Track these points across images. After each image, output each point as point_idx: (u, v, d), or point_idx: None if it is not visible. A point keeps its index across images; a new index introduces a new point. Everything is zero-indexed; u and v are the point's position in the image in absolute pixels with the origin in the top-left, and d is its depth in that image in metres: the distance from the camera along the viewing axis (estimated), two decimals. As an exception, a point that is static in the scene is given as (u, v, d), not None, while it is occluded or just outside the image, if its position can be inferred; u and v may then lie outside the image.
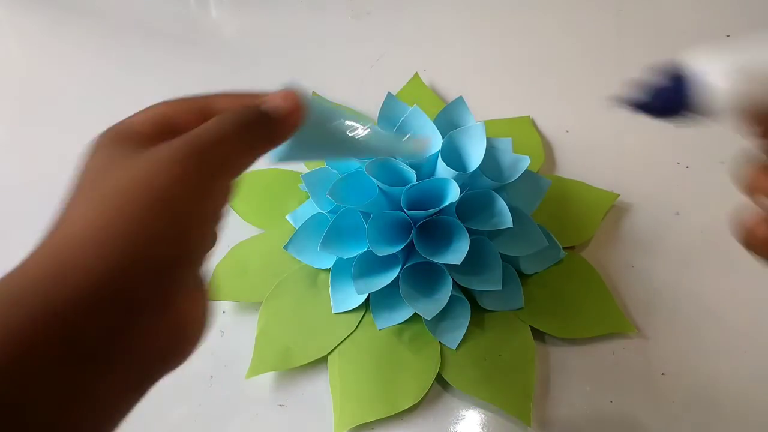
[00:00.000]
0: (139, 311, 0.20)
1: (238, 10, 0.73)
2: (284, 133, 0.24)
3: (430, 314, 0.39)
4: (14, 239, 0.50)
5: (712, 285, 0.45)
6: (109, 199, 0.20)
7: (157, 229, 0.20)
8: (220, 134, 0.22)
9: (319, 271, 0.45)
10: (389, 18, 0.69)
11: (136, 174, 0.20)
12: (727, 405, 0.40)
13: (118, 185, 0.20)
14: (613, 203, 0.50)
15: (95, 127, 0.26)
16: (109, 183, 0.20)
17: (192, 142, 0.21)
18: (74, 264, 0.19)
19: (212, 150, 0.21)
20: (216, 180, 0.22)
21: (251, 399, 0.40)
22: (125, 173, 0.20)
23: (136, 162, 0.21)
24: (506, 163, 0.43)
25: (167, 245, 0.20)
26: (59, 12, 0.73)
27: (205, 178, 0.21)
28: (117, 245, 0.19)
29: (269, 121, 0.24)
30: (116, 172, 0.21)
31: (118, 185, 0.20)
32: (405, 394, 0.39)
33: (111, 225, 0.19)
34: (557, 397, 0.40)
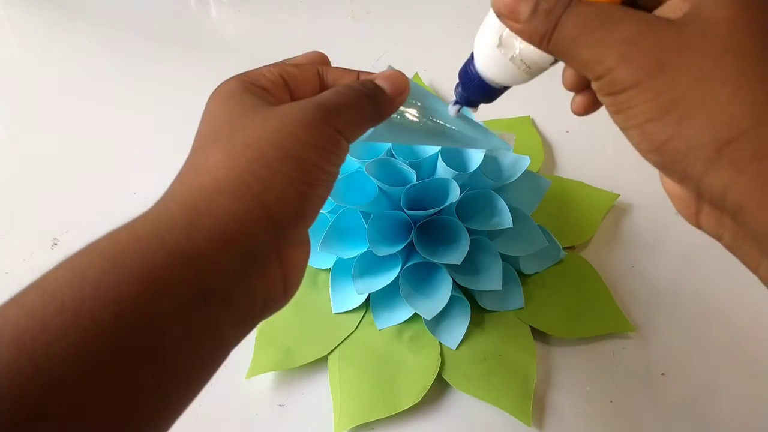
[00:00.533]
0: (261, 258, 0.21)
1: (238, 10, 0.73)
2: (392, 108, 0.26)
3: (430, 314, 0.39)
4: (14, 239, 0.50)
5: (712, 285, 0.45)
6: (248, 148, 0.21)
7: (289, 180, 0.21)
8: (345, 101, 0.24)
9: (319, 271, 0.45)
10: (389, 18, 0.69)
11: (271, 128, 0.22)
12: (727, 405, 0.40)
13: (256, 136, 0.21)
14: (613, 203, 0.50)
15: (95, 126, 0.26)
16: (248, 133, 0.22)
17: (323, 106, 0.23)
18: (215, 207, 0.20)
19: (338, 114, 0.23)
20: (338, 142, 0.23)
21: (251, 399, 0.40)
22: (262, 126, 0.22)
23: (272, 117, 0.22)
24: (506, 163, 0.43)
25: (294, 202, 0.22)
26: (59, 12, 0.73)
27: (330, 140, 0.23)
28: (254, 192, 0.20)
29: (384, 96, 0.26)
30: (252, 123, 0.22)
31: (256, 136, 0.21)
32: (405, 394, 0.39)
33: (249, 173, 0.21)
34: (557, 397, 0.40)
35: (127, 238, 0.19)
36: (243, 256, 0.20)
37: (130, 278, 0.18)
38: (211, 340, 0.20)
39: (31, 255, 0.48)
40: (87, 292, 0.17)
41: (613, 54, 0.19)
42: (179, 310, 0.19)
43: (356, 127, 0.24)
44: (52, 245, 0.49)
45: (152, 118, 0.59)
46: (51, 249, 0.48)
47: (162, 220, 0.20)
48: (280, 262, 0.23)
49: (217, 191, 0.20)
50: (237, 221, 0.20)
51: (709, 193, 0.19)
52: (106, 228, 0.21)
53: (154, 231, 0.19)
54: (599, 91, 0.21)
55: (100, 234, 0.20)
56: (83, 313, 0.17)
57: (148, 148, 0.55)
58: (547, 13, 0.20)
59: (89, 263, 0.18)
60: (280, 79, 0.25)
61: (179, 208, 0.20)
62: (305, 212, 0.22)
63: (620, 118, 0.21)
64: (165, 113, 0.59)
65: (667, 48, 0.19)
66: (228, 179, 0.21)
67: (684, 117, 0.19)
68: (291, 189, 0.21)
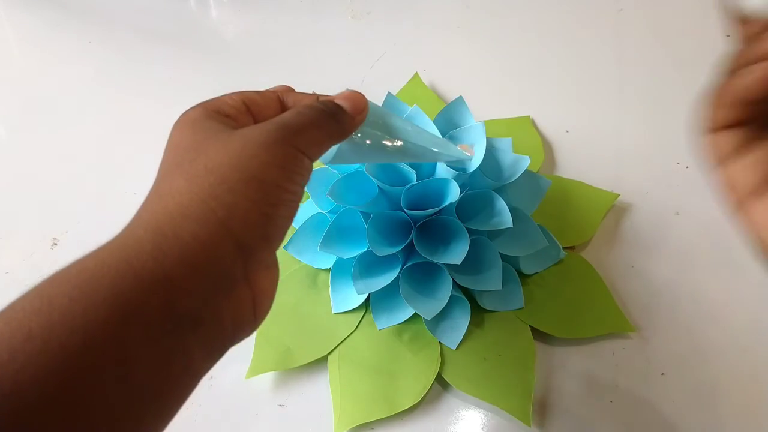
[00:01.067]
0: (229, 281, 0.21)
1: (238, 10, 0.73)
2: (353, 126, 0.27)
3: (430, 314, 0.39)
4: (14, 239, 0.50)
5: (712, 285, 0.45)
6: (211, 173, 0.21)
7: (252, 202, 0.21)
8: (306, 120, 0.24)
9: (319, 271, 0.45)
10: (389, 18, 0.69)
11: (233, 151, 0.22)
12: (727, 405, 0.40)
13: (218, 160, 0.22)
14: (613, 203, 0.50)
15: (95, 126, 0.26)
16: (210, 158, 0.22)
17: (283, 126, 0.23)
18: (181, 231, 0.20)
19: (299, 134, 0.23)
20: (300, 161, 0.23)
21: (251, 399, 0.40)
22: (224, 149, 0.22)
23: (233, 140, 0.22)
24: (506, 163, 0.43)
25: (259, 225, 0.22)
26: (59, 12, 0.73)
27: (292, 160, 0.23)
28: (218, 216, 0.21)
29: (344, 115, 0.26)
30: (215, 148, 0.22)
31: (218, 160, 0.22)
32: (405, 394, 0.39)
33: (212, 197, 0.21)
34: (557, 397, 0.40)
35: (94, 264, 0.19)
36: (211, 279, 0.21)
37: (98, 304, 0.18)
38: (181, 364, 0.20)
39: (31, 255, 0.48)
40: (55, 319, 0.17)
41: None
42: (148, 334, 0.19)
43: (318, 145, 0.25)
44: (52, 245, 0.49)
45: (152, 118, 0.59)
46: (51, 249, 0.48)
47: (129, 245, 0.20)
48: (249, 285, 0.23)
49: (182, 216, 0.20)
50: (203, 245, 0.20)
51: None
52: (107, 228, 0.21)
53: (121, 257, 0.19)
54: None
55: (100, 234, 0.20)
56: (51, 339, 0.17)
57: (148, 148, 0.55)
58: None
59: (57, 291, 0.18)
60: (242, 105, 0.25)
61: (146, 233, 0.20)
62: (270, 234, 0.23)
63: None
64: (165, 113, 0.59)
65: None
66: (192, 204, 0.21)
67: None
68: (254, 211, 0.21)
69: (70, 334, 0.17)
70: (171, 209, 0.21)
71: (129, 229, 0.21)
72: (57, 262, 0.19)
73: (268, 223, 0.22)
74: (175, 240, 0.20)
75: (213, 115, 0.24)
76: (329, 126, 0.25)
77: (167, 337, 0.19)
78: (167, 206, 0.21)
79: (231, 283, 0.22)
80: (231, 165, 0.21)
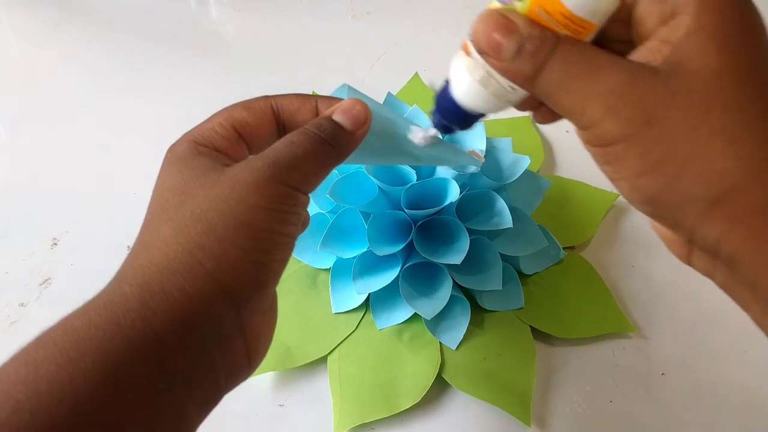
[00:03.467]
0: (222, 335, 0.21)
1: (238, 10, 0.73)
2: (354, 145, 0.25)
3: (430, 314, 0.39)
4: (14, 239, 0.50)
5: (712, 285, 0.45)
6: (198, 221, 0.20)
7: (243, 250, 0.20)
8: (300, 152, 0.22)
9: (319, 271, 0.45)
10: (389, 18, 0.69)
11: (221, 195, 0.21)
12: (727, 405, 0.40)
13: (206, 206, 0.20)
14: (613, 203, 0.50)
15: (95, 126, 0.26)
16: (197, 203, 0.21)
17: (274, 164, 0.21)
18: (168, 286, 0.19)
19: (292, 170, 0.22)
20: (294, 199, 0.22)
21: (251, 399, 0.40)
22: (212, 193, 0.21)
23: (222, 182, 0.21)
24: (506, 163, 0.43)
25: (250, 273, 0.21)
26: (59, 12, 0.73)
27: (285, 200, 0.21)
28: (207, 269, 0.20)
29: (343, 134, 0.24)
30: (203, 191, 0.21)
31: (205, 206, 0.20)
32: (405, 394, 0.39)
33: (199, 248, 0.20)
34: (557, 397, 0.40)
35: (81, 324, 0.18)
36: (201, 335, 0.20)
37: (86, 369, 0.17)
38: (176, 421, 0.19)
39: (31, 255, 0.48)
40: (42, 389, 0.17)
41: (599, 105, 0.19)
42: (141, 397, 0.18)
43: (314, 176, 0.23)
44: (52, 245, 0.48)
45: (152, 117, 0.59)
46: (51, 249, 0.48)
47: (116, 303, 0.19)
48: (243, 335, 0.22)
49: (169, 269, 0.20)
50: (191, 301, 0.19)
51: (702, 242, 0.19)
52: (107, 228, 0.21)
53: (109, 317, 0.18)
54: (586, 142, 0.21)
55: (100, 234, 0.20)
56: (39, 410, 0.16)
57: (149, 147, 0.55)
58: (531, 55, 0.19)
59: (43, 355, 0.18)
60: (233, 133, 0.24)
61: (131, 289, 0.19)
62: (264, 281, 0.21)
63: (609, 169, 0.21)
64: (165, 113, 0.59)
65: (654, 101, 0.18)
66: (179, 256, 0.20)
67: (675, 172, 0.19)
68: (245, 260, 0.20)
69: (59, 404, 0.17)
70: (157, 262, 0.20)
71: (115, 284, 0.20)
72: (57, 262, 0.19)
73: (261, 270, 0.21)
74: (162, 296, 0.19)
75: (202, 150, 0.23)
76: (327, 153, 0.23)
77: (160, 396, 0.19)
78: (153, 259, 0.20)
79: (223, 336, 0.21)
80: (219, 211, 0.20)
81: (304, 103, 0.25)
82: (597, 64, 0.19)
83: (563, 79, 0.19)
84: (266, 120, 0.24)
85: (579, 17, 0.19)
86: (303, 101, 0.25)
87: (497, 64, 0.20)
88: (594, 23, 0.20)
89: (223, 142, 0.23)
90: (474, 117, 0.24)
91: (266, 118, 0.24)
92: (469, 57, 0.22)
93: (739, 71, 0.18)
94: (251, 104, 0.24)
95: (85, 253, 0.47)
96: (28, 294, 0.45)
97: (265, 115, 0.24)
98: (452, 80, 0.23)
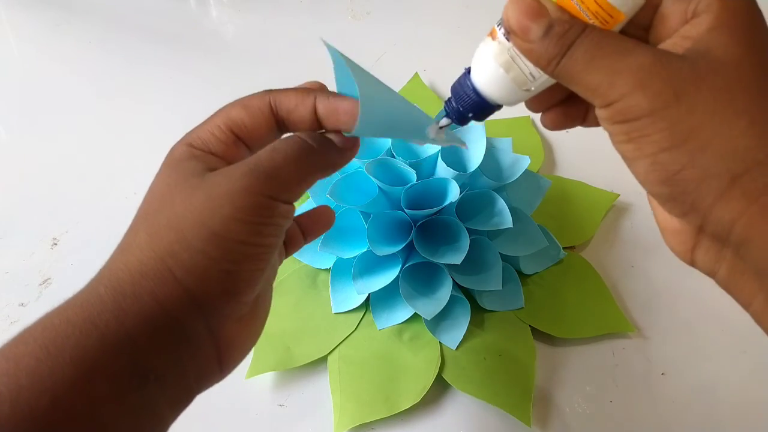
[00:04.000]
0: (192, 339, 0.21)
1: (238, 10, 0.73)
2: (343, 162, 0.25)
3: (430, 314, 0.39)
4: (14, 239, 0.50)
5: (712, 285, 0.45)
6: (171, 229, 0.21)
7: (211, 260, 0.21)
8: (281, 160, 0.22)
9: (319, 271, 0.45)
10: (389, 18, 0.69)
11: (197, 204, 0.21)
12: (727, 405, 0.40)
13: (181, 214, 0.21)
14: (613, 203, 0.50)
15: (95, 126, 0.26)
16: (174, 210, 0.21)
17: (253, 172, 0.21)
18: (140, 291, 0.20)
19: (271, 179, 0.21)
20: (271, 210, 0.22)
21: (251, 399, 0.40)
22: (188, 201, 0.21)
23: (199, 191, 0.21)
24: (506, 163, 0.43)
25: (219, 282, 0.21)
26: (59, 12, 0.73)
27: (261, 211, 0.21)
28: (176, 276, 0.20)
29: (330, 150, 0.24)
30: (180, 198, 0.21)
31: (180, 213, 0.21)
32: (405, 394, 0.39)
33: (170, 255, 0.20)
34: (557, 397, 0.40)
35: (59, 322, 0.19)
36: (171, 338, 0.20)
37: (64, 363, 0.18)
38: (149, 418, 0.20)
39: (31, 255, 0.48)
40: (23, 382, 0.17)
41: (628, 79, 0.19)
42: (115, 392, 0.19)
43: (297, 184, 0.23)
44: (52, 245, 0.48)
45: (152, 117, 0.59)
46: (51, 249, 0.48)
47: (92, 304, 0.20)
48: (213, 341, 0.22)
49: (141, 274, 0.20)
50: (161, 306, 0.20)
51: (716, 225, 0.20)
52: (107, 228, 0.21)
53: (85, 316, 0.19)
54: (608, 119, 0.20)
55: (100, 234, 0.21)
56: (20, 402, 0.17)
57: (148, 148, 0.55)
58: (559, 36, 0.20)
59: (23, 351, 0.18)
60: (230, 135, 0.24)
61: (107, 291, 0.20)
62: (234, 290, 0.22)
63: (630, 147, 0.20)
64: (165, 113, 0.59)
65: (683, 79, 0.19)
66: (151, 262, 0.20)
67: (700, 146, 0.19)
68: (213, 269, 0.21)
69: (39, 396, 0.17)
70: (131, 266, 0.20)
71: (93, 284, 0.21)
72: (57, 262, 0.19)
73: (230, 279, 0.21)
74: (134, 299, 0.20)
75: (197, 154, 0.23)
76: (311, 162, 0.23)
77: (134, 393, 0.19)
78: (128, 263, 0.21)
79: (192, 341, 0.21)
80: (192, 220, 0.21)
81: (303, 101, 0.24)
82: (625, 46, 0.20)
83: (590, 58, 0.20)
84: (264, 119, 0.24)
85: (610, 4, 0.20)
86: (301, 98, 0.24)
87: (523, 45, 0.21)
88: (623, 13, 0.20)
89: (220, 146, 0.23)
90: (490, 106, 0.24)
91: (264, 117, 0.24)
92: (494, 42, 0.22)
93: (760, 62, 0.19)
94: (249, 103, 0.24)
95: (85, 253, 0.47)
96: (28, 294, 0.45)
97: (263, 114, 0.24)
98: (474, 64, 0.23)
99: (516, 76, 0.22)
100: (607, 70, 0.20)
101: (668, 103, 0.19)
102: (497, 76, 0.22)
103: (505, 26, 0.21)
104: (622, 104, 0.20)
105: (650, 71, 0.19)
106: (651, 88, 0.19)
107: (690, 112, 0.19)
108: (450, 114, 0.25)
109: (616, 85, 0.19)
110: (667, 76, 0.19)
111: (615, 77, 0.19)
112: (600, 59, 0.20)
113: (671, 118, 0.19)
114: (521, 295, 0.43)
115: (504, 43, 0.22)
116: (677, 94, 0.19)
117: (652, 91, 0.19)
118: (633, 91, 0.19)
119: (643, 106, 0.19)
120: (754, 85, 0.19)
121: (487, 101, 0.24)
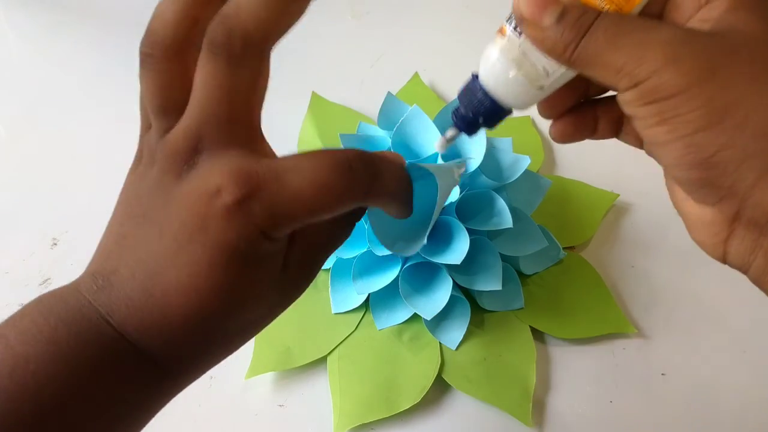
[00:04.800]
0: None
1: (238, 10, 0.73)
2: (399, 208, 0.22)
3: (430, 314, 0.39)
4: (14, 239, 0.50)
5: (712, 285, 0.45)
6: (124, 266, 0.21)
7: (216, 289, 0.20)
8: (294, 188, 0.19)
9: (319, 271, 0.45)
10: (389, 18, 0.69)
11: (158, 247, 0.20)
12: (727, 405, 0.40)
13: (133, 246, 0.21)
14: (613, 203, 0.50)
15: (95, 126, 0.25)
16: (132, 238, 0.21)
17: (246, 198, 0.19)
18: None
19: (270, 214, 0.19)
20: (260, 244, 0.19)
21: (251, 399, 0.40)
22: (148, 235, 0.21)
23: (161, 222, 0.20)
24: (506, 163, 0.43)
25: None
26: (59, 12, 0.73)
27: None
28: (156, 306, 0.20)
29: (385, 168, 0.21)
30: (141, 229, 0.21)
31: (133, 246, 0.21)
32: (405, 394, 0.39)
33: (113, 275, 0.21)
34: (557, 397, 0.40)
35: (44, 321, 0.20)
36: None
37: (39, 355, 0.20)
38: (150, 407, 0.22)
39: (31, 255, 0.48)
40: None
41: (658, 54, 0.18)
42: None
43: (307, 216, 0.19)
44: (52, 245, 0.48)
45: (152, 118, 0.59)
46: (51, 249, 0.48)
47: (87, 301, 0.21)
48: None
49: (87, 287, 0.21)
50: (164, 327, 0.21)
51: (755, 209, 0.18)
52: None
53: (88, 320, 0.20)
54: (636, 101, 0.19)
55: (100, 234, 0.20)
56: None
57: (148, 148, 0.55)
58: (574, 21, 0.19)
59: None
60: (184, 28, 0.21)
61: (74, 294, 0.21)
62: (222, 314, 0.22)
63: (662, 130, 0.19)
64: (165, 113, 0.59)
65: (715, 52, 0.18)
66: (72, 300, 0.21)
67: (739, 124, 0.17)
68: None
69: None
70: (86, 274, 0.21)
71: (74, 284, 0.22)
72: (57, 262, 0.19)
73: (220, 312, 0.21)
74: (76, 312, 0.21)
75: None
76: (347, 194, 0.20)
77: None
78: (89, 269, 0.22)
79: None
80: (148, 264, 0.20)
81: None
82: (649, 23, 0.19)
83: (613, 35, 0.18)
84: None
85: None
86: None
87: (536, 33, 0.19)
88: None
89: (177, 43, 0.21)
90: (501, 110, 0.22)
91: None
92: (503, 38, 0.21)
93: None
94: None
95: (85, 253, 0.47)
96: (28, 294, 0.45)
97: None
98: (483, 65, 0.22)
99: (528, 72, 0.21)
100: (634, 46, 0.18)
101: (703, 79, 0.17)
102: (508, 74, 0.21)
103: (516, 16, 0.20)
104: (652, 82, 0.18)
105: (681, 45, 0.18)
106: (684, 63, 0.18)
107: (725, 88, 0.18)
108: (457, 123, 0.23)
109: (645, 60, 0.18)
110: (700, 50, 0.18)
111: (644, 52, 0.18)
112: (624, 36, 0.18)
113: (707, 95, 0.17)
114: (521, 296, 0.43)
115: (514, 38, 0.21)
116: (712, 68, 0.18)
117: (685, 66, 0.18)
118: (664, 67, 0.18)
119: (676, 83, 0.18)
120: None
121: (498, 104, 0.22)
